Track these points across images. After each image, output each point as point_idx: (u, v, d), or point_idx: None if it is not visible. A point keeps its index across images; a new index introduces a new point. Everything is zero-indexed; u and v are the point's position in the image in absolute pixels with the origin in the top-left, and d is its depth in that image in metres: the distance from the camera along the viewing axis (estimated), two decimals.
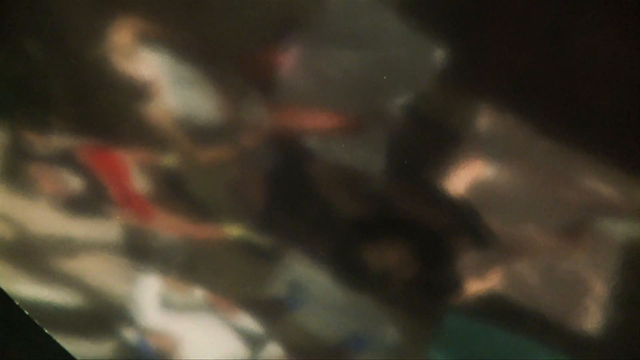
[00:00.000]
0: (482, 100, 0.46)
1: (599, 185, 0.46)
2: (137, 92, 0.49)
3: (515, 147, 0.47)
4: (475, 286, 0.47)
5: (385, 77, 0.46)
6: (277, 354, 0.50)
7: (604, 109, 0.45)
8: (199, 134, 0.49)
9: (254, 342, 0.50)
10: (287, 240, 0.49)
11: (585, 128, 0.46)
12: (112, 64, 0.49)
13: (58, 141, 0.50)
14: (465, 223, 0.48)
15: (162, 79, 0.49)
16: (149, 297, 0.50)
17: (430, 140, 0.47)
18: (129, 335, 0.51)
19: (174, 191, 0.50)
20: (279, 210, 0.49)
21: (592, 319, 0.46)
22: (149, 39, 0.49)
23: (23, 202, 0.51)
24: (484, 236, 0.47)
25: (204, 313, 0.50)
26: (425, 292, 0.48)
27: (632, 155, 0.45)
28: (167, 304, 0.50)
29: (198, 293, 0.50)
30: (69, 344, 0.50)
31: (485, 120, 0.46)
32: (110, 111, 0.49)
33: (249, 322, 0.50)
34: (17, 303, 0.51)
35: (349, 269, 0.48)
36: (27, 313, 0.51)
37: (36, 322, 0.51)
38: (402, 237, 0.48)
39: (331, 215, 0.48)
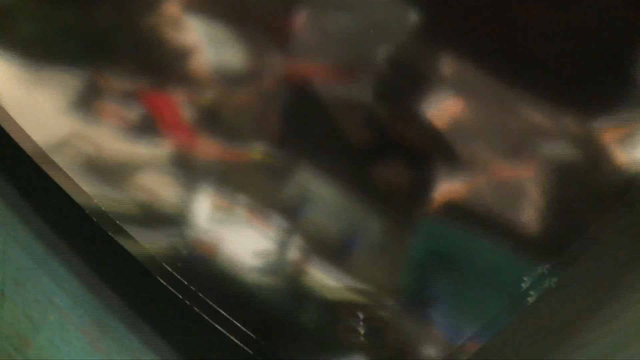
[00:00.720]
0: (446, 50, 0.51)
1: (535, 114, 0.50)
2: (182, 49, 0.54)
3: (472, 85, 0.51)
4: (443, 197, 0.51)
5: (371, 32, 0.51)
6: (294, 253, 0.52)
7: (538, 57, 0.50)
8: (229, 80, 0.54)
9: (274, 244, 0.52)
10: (298, 160, 0.53)
11: (524, 70, 0.50)
12: (163, 27, 0.54)
13: (122, 85, 0.54)
14: (435, 146, 0.51)
15: (201, 38, 0.54)
16: (192, 207, 0.52)
17: (406, 81, 0.52)
18: (176, 238, 0.52)
19: (211, 124, 0.54)
20: (291, 138, 0.53)
21: (531, 222, 0.50)
22: (191, 7, 0.54)
23: (97, 129, 0.54)
24: (450, 157, 0.51)
25: (234, 220, 0.52)
26: (405, 201, 0.52)
27: (559, 90, 0.50)
28: (206, 213, 0.52)
29: (229, 204, 0.52)
30: (128, 244, 0.52)
31: (448, 65, 0.51)
32: (162, 63, 0.54)
33: (269, 228, 0.52)
34: (87, 212, 0.52)
35: (347, 183, 0.52)
36: (95, 220, 0.52)
37: (102, 226, 0.52)
38: (389, 157, 0.52)
39: (332, 141, 0.53)
